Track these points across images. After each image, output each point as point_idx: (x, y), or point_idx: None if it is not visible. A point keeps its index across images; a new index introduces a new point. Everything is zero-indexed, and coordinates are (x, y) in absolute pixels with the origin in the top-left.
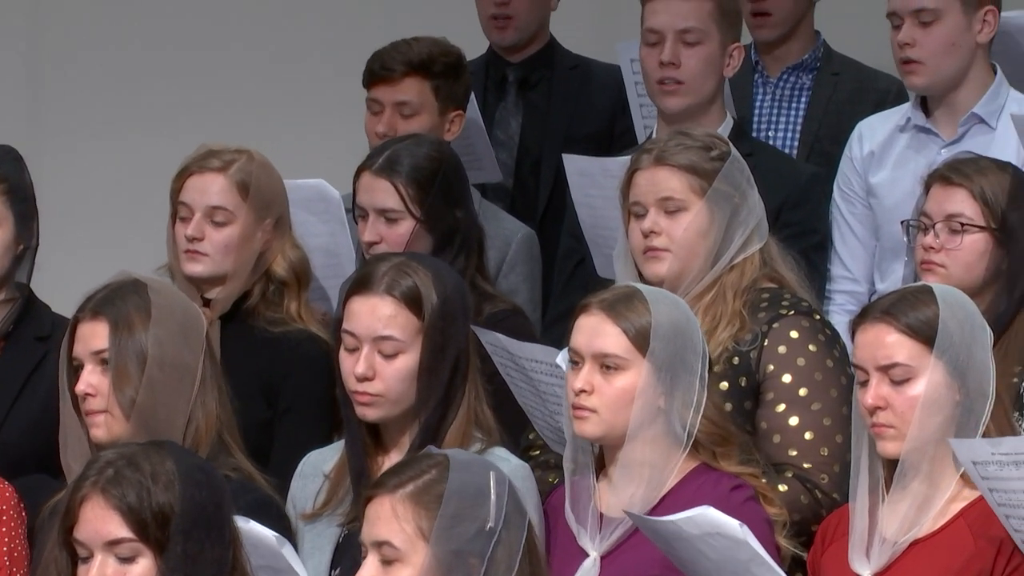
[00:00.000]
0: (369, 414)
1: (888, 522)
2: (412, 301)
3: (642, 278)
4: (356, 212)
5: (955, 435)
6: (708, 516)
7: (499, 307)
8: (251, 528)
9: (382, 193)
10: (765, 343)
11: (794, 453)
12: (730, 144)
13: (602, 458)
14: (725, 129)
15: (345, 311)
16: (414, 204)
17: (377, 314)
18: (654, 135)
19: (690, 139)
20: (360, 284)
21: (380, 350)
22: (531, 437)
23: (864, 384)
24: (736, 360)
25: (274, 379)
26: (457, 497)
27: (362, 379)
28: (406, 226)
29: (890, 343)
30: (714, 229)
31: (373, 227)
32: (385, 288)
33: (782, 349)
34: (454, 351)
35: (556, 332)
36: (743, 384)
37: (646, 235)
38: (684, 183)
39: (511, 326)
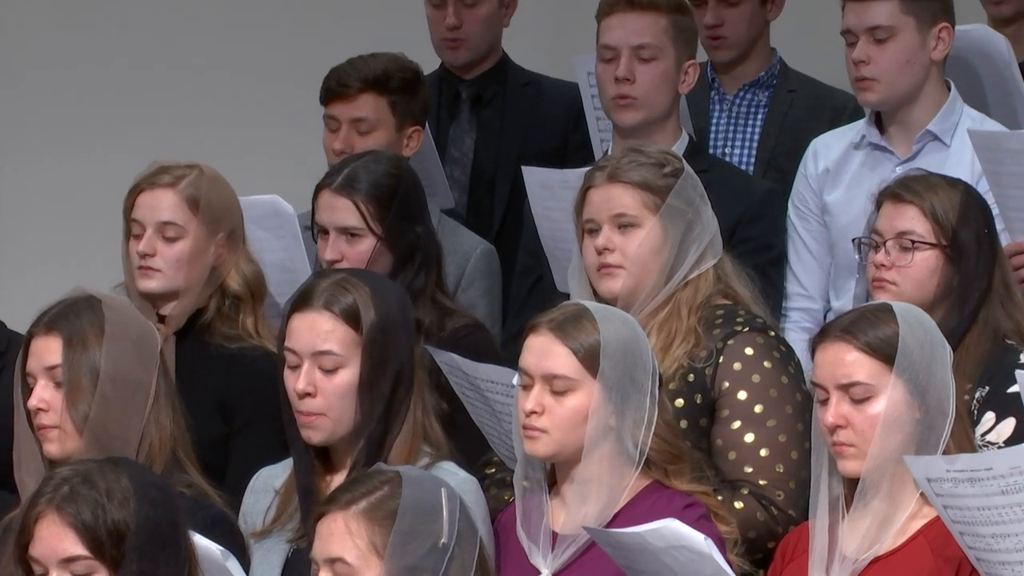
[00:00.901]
0: (313, 437)
1: (848, 540)
2: (350, 316)
3: (596, 296)
4: (316, 230)
5: (915, 453)
6: (673, 528)
7: (461, 322)
8: (197, 542)
9: (342, 211)
10: (720, 360)
11: (750, 470)
12: (683, 161)
13: (554, 475)
14: (680, 145)
15: (286, 329)
16: (375, 222)
17: (316, 329)
18: (610, 151)
19: (643, 156)
20: (300, 301)
21: (320, 365)
22: (489, 454)
23: (824, 403)
24: (691, 377)
25: (230, 396)
26: (411, 513)
27: (303, 395)
28: (367, 244)
29: (850, 362)
30: (667, 245)
31: (334, 245)
32: (324, 304)
33: (737, 366)
34: (395, 365)
35: (514, 350)
36: (698, 401)
37: (600, 252)
38: (637, 199)
39: (474, 342)
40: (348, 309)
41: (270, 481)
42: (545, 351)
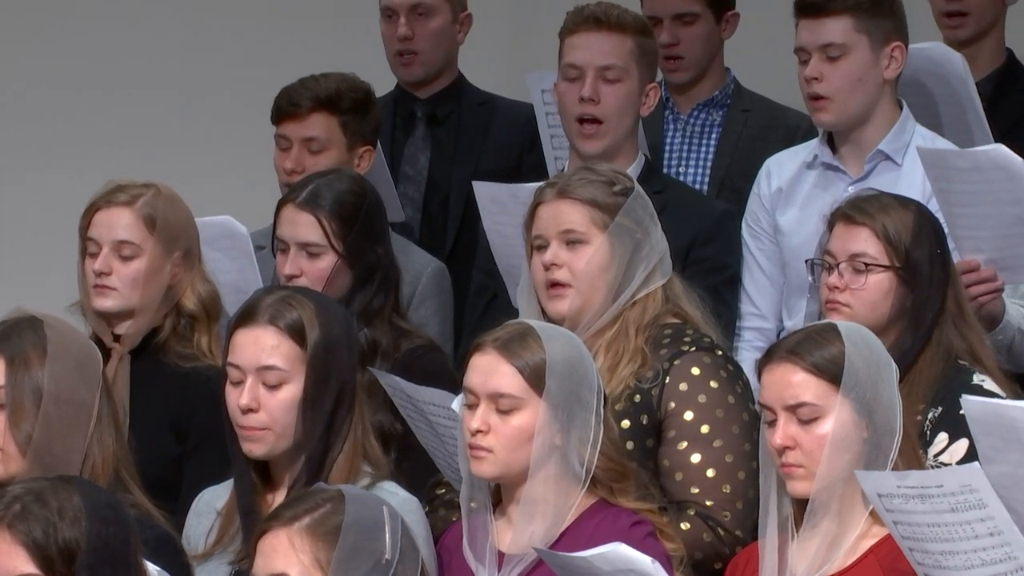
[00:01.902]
0: (255, 450)
1: (798, 560)
2: (295, 332)
3: (545, 315)
4: (276, 245)
5: None
6: (620, 552)
7: (416, 343)
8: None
9: (305, 227)
10: (667, 380)
11: (696, 490)
12: (634, 180)
13: (499, 494)
14: (637, 166)
15: (230, 344)
16: (337, 239)
17: (260, 344)
18: (566, 169)
19: (593, 173)
20: (244, 317)
21: (264, 381)
22: (438, 475)
23: (772, 424)
24: (638, 398)
25: (183, 415)
26: (354, 530)
27: (246, 411)
28: (328, 261)
29: (796, 383)
30: (615, 264)
31: (294, 261)
32: (268, 319)
33: (683, 386)
34: (338, 383)
35: (463, 371)
36: (645, 422)
37: (547, 268)
38: (586, 216)
39: (428, 362)
40: (293, 325)
41: (212, 502)
42: (490, 370)
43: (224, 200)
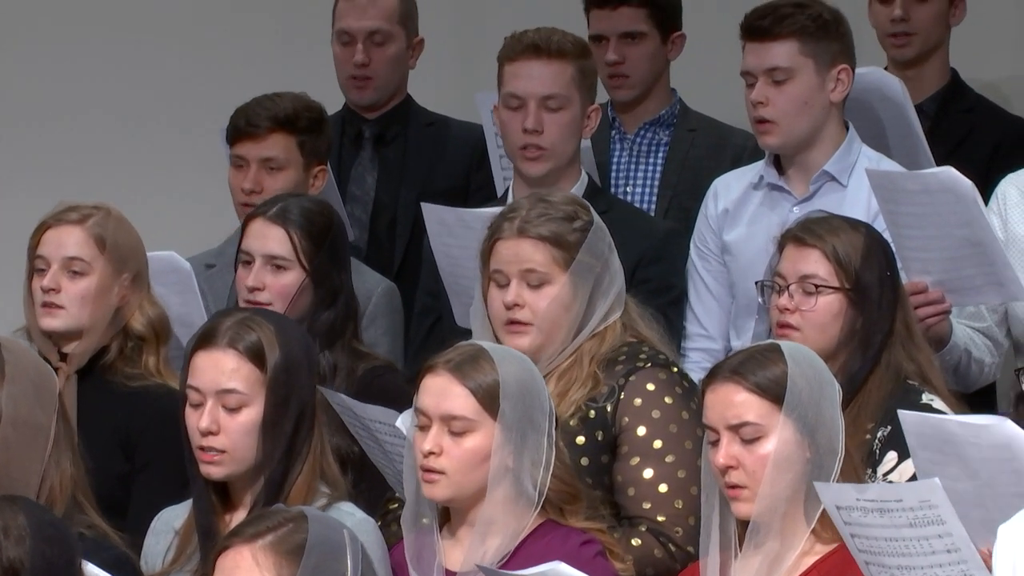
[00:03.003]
0: (214, 472)
1: None
2: (255, 355)
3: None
4: (240, 258)
5: (805, 492)
6: (559, 571)
7: (373, 364)
8: (90, 572)
9: (274, 240)
10: (622, 396)
11: (648, 506)
12: (591, 211)
13: (445, 513)
14: (580, 187)
15: (189, 367)
16: (305, 257)
17: (220, 367)
18: (511, 191)
19: (552, 208)
20: (203, 339)
21: (224, 404)
22: (391, 492)
23: (715, 444)
24: (593, 414)
25: (132, 434)
26: (318, 550)
27: (206, 433)
28: (294, 276)
29: (739, 402)
30: (577, 302)
31: (259, 273)
32: (228, 342)
33: (638, 402)
34: (298, 406)
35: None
36: (599, 438)
37: (509, 307)
38: (548, 256)
39: (386, 382)
40: (253, 347)
41: (171, 522)
42: (443, 391)
43: (171, 221)
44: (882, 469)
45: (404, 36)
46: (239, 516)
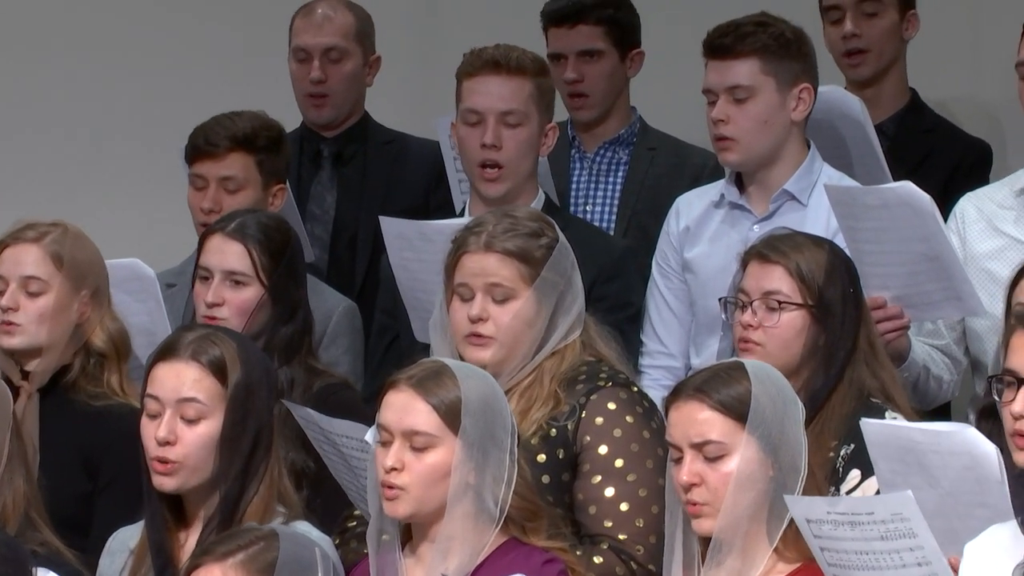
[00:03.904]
0: (166, 484)
1: None
2: (217, 369)
3: (459, 355)
4: (198, 274)
5: (768, 511)
6: None
7: (329, 381)
8: None
9: (233, 256)
10: (583, 415)
11: (609, 524)
12: (556, 228)
13: (408, 531)
14: (537, 204)
15: (149, 377)
16: (264, 272)
17: (182, 378)
18: (467, 209)
19: (519, 224)
20: (165, 351)
21: (183, 414)
22: (350, 508)
23: (678, 461)
24: (554, 432)
25: (95, 452)
26: (289, 568)
27: (163, 443)
28: (252, 292)
29: (703, 420)
30: (540, 319)
31: (218, 289)
32: (191, 354)
33: (599, 420)
34: (256, 424)
35: (372, 409)
36: (561, 456)
37: (473, 321)
38: (514, 271)
39: (341, 400)
40: (215, 361)
41: (126, 541)
42: (406, 407)
43: (131, 240)
44: (845, 487)
45: (361, 53)
46: (193, 534)
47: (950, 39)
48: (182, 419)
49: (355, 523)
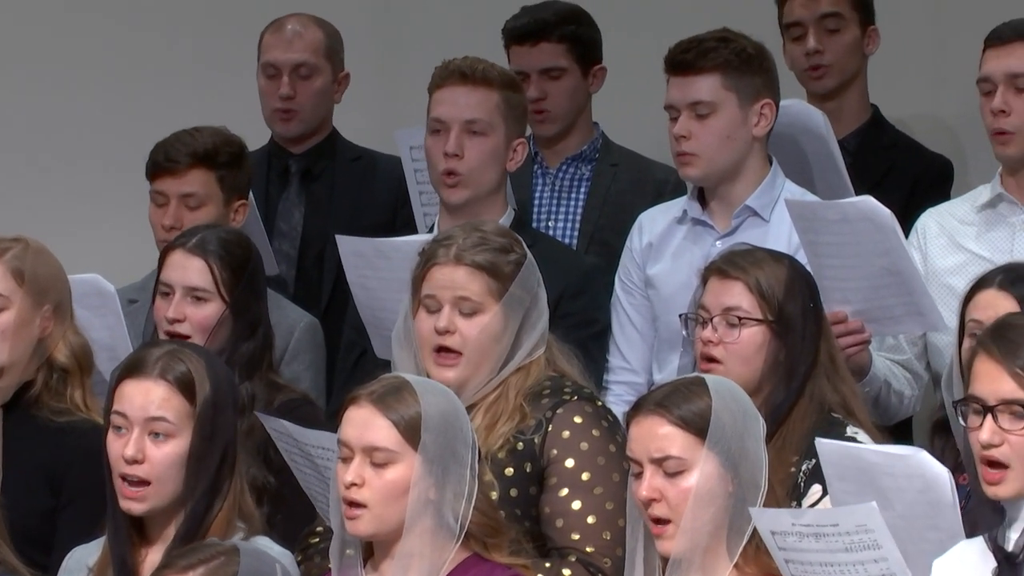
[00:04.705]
0: (135, 508)
1: None
2: (185, 387)
3: (422, 368)
4: (159, 290)
5: (728, 526)
6: None
7: (290, 396)
8: None
9: (194, 272)
10: (549, 428)
11: (577, 537)
12: (524, 244)
13: (370, 547)
14: (506, 220)
15: (115, 395)
16: (225, 288)
17: (150, 396)
18: (436, 225)
19: (488, 238)
20: (132, 368)
21: (151, 432)
22: (313, 523)
23: (638, 476)
24: (521, 446)
25: (58, 469)
26: None
27: (131, 462)
28: (214, 308)
29: (663, 435)
30: (507, 334)
31: (179, 305)
32: (159, 372)
33: (566, 434)
34: (222, 441)
35: (334, 424)
36: (528, 470)
37: (440, 333)
38: (482, 285)
39: (302, 415)
40: (183, 379)
41: (83, 559)
42: (366, 423)
43: (94, 255)
44: (806, 502)
45: (330, 70)
46: (155, 550)
47: (912, 55)
48: (150, 437)
49: (317, 539)
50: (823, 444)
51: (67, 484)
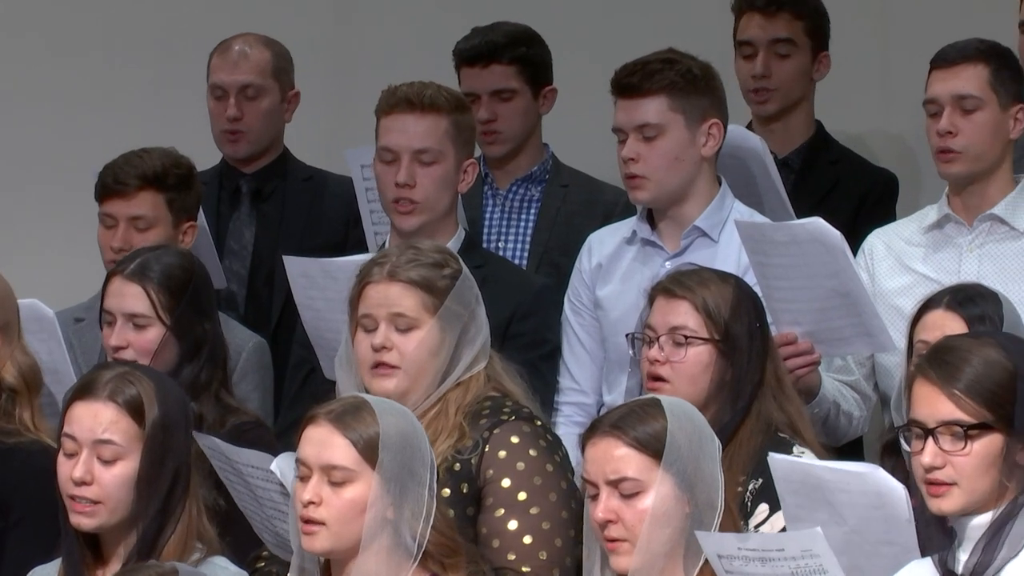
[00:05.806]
0: (84, 523)
1: None
2: (134, 409)
3: (366, 389)
4: (103, 318)
5: (685, 547)
6: None
7: (242, 419)
8: None
9: (132, 298)
10: (486, 449)
11: (513, 557)
12: (460, 261)
13: (328, 567)
14: (457, 241)
15: (66, 416)
16: (164, 311)
17: (99, 419)
18: (387, 244)
19: (422, 255)
20: (82, 390)
21: (99, 455)
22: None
23: (594, 498)
24: (458, 467)
25: (5, 490)
26: None
27: (79, 483)
28: (155, 333)
29: (619, 457)
30: (444, 348)
31: (120, 332)
32: (108, 394)
33: (502, 454)
34: (174, 463)
35: (287, 442)
36: (464, 491)
37: (377, 350)
38: (416, 301)
39: (253, 437)
40: (132, 401)
41: None
42: (324, 442)
43: (42, 276)
44: (754, 521)
45: (278, 90)
46: (111, 570)
47: (860, 74)
48: (99, 459)
49: (264, 563)
50: (776, 460)
51: (15, 505)
